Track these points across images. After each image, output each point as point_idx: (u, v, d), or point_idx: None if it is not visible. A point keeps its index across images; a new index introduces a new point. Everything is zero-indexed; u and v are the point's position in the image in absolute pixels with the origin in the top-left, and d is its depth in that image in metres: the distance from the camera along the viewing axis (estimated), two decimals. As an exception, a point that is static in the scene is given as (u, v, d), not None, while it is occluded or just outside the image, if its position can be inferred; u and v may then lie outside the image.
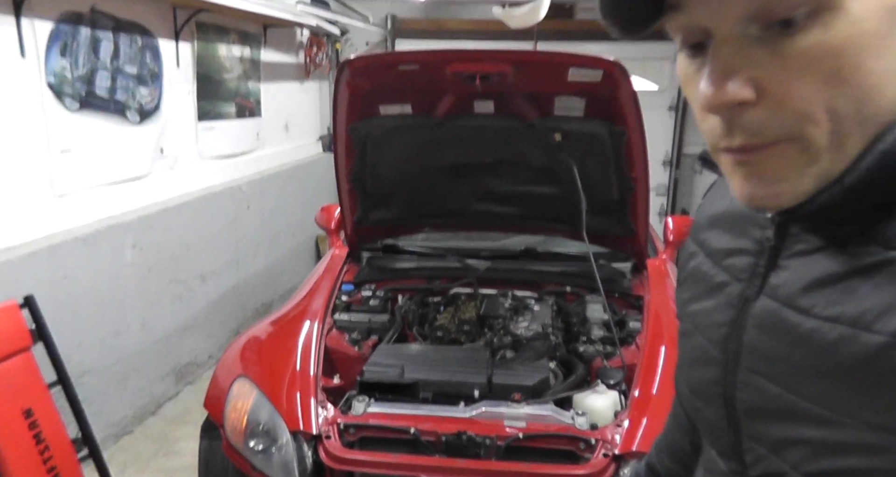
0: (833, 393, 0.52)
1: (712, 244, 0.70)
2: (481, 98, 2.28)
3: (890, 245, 0.50)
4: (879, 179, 0.50)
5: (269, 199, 4.65)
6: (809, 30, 0.47)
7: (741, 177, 0.54)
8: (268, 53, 4.66)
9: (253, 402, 1.94)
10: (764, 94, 0.50)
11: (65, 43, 2.74)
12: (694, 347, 0.70)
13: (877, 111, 0.49)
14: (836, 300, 0.52)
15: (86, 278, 2.86)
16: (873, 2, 0.47)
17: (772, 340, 0.58)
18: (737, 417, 0.63)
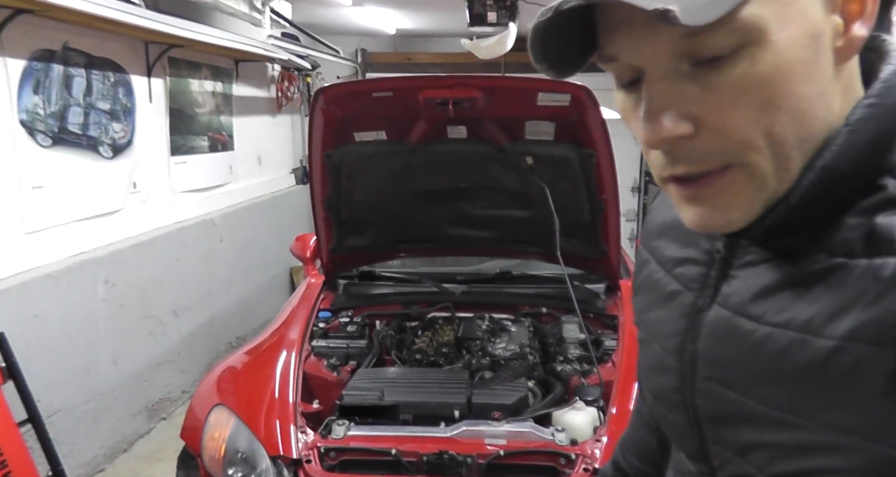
0: (789, 397, 0.54)
1: (663, 252, 0.71)
2: (454, 123, 2.33)
3: (834, 253, 0.52)
4: (822, 194, 0.52)
5: (243, 233, 4.64)
6: (737, 63, 0.49)
7: (689, 206, 0.56)
8: (240, 88, 4.71)
9: (231, 429, 1.92)
10: (701, 126, 0.51)
11: (37, 80, 2.75)
12: (652, 355, 0.71)
13: (812, 132, 0.52)
14: (785, 307, 0.54)
15: (57, 315, 2.82)
16: (796, 31, 0.49)
17: (726, 347, 0.59)
18: (700, 423, 0.64)
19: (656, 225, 0.75)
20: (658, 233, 0.73)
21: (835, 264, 0.51)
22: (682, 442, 0.70)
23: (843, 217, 0.52)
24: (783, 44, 0.49)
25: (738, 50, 0.49)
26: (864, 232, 0.51)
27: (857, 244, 0.51)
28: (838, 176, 0.52)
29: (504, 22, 3.97)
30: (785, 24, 0.48)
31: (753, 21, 0.48)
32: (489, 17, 3.94)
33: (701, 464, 0.67)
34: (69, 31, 2.88)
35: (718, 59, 0.49)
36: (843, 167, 0.51)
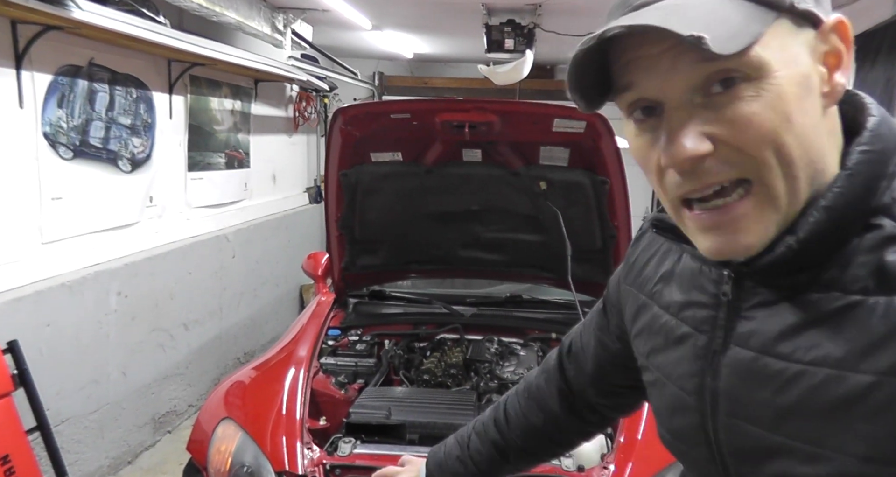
0: (821, 430, 0.56)
1: (665, 297, 0.74)
2: (469, 147, 2.36)
3: (848, 290, 0.56)
4: (826, 230, 0.57)
5: (255, 249, 4.68)
6: (746, 92, 0.55)
7: (709, 233, 0.60)
8: (258, 107, 4.78)
9: (237, 443, 1.92)
10: (718, 143, 0.56)
11: (62, 94, 2.81)
12: (668, 396, 0.73)
13: (813, 158, 0.57)
14: (815, 344, 0.57)
15: (69, 325, 2.85)
16: (792, 71, 0.56)
17: (751, 386, 0.62)
18: (724, 459, 0.66)
19: (655, 272, 0.78)
20: (659, 279, 0.77)
21: (853, 301, 0.55)
22: (703, 473, 0.72)
23: (849, 256, 0.56)
24: (783, 80, 0.56)
25: (746, 79, 0.55)
26: (872, 269, 0.55)
27: (869, 282, 0.55)
28: (841, 214, 0.56)
29: (521, 49, 4.03)
30: (784, 65, 0.56)
31: (761, 58, 0.55)
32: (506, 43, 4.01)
33: None
34: (95, 47, 2.95)
35: (730, 86, 0.55)
36: (844, 206, 0.56)
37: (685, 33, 0.51)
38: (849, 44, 0.60)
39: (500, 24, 4.01)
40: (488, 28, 4.02)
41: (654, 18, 0.53)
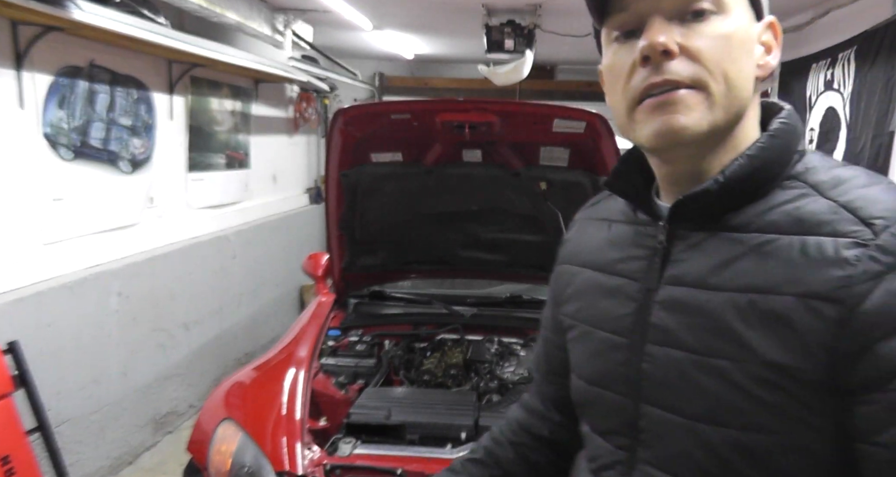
0: (738, 345, 0.67)
1: (599, 260, 0.86)
2: (469, 147, 2.36)
3: (767, 231, 0.69)
4: (747, 175, 0.71)
5: (255, 250, 4.68)
6: (713, 21, 0.70)
7: (657, 115, 0.71)
8: (258, 107, 4.78)
9: (238, 444, 1.92)
10: (683, 52, 0.70)
11: (63, 95, 2.81)
12: (597, 342, 0.83)
13: (742, 97, 0.72)
14: (740, 274, 0.69)
15: (70, 325, 2.85)
16: (745, 23, 0.73)
17: (679, 316, 0.73)
18: (640, 387, 0.76)
19: (588, 245, 0.90)
20: (591, 249, 0.88)
21: (772, 239, 0.69)
22: (610, 418, 0.81)
23: (768, 206, 0.70)
24: (738, 24, 0.72)
25: (715, 13, 0.70)
26: (788, 215, 0.69)
27: (785, 225, 0.68)
28: (760, 163, 0.71)
29: (521, 49, 4.04)
30: (741, 19, 0.72)
31: (729, 2, 0.71)
32: (506, 44, 4.01)
33: (623, 437, 0.79)
34: (96, 48, 2.95)
35: (702, 16, 0.70)
36: (764, 159, 0.71)
37: None
38: (779, 39, 0.77)
39: (500, 24, 4.02)
40: (488, 28, 4.03)
41: None
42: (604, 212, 0.90)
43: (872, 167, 2.86)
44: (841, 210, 0.66)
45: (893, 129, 2.77)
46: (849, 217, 0.65)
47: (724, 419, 0.69)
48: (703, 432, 0.70)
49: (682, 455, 0.72)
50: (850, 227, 0.65)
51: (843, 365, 0.63)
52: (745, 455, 0.68)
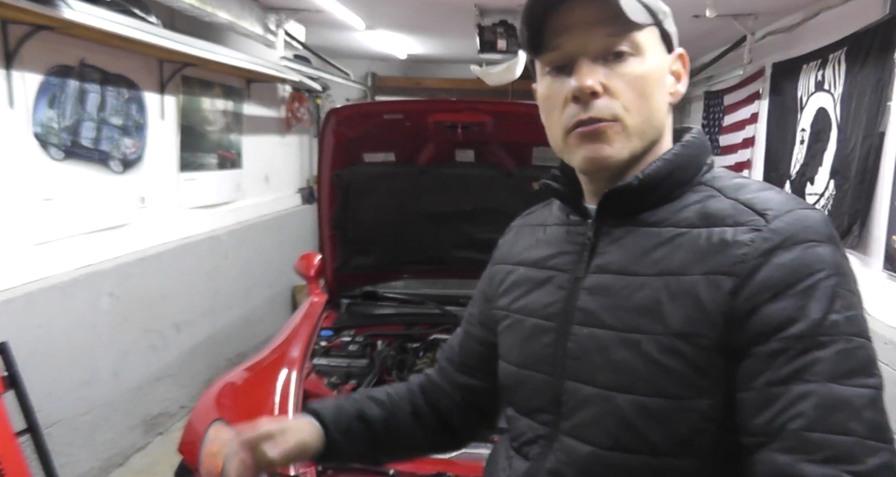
0: (653, 320, 0.78)
1: (533, 257, 0.96)
2: (462, 147, 2.36)
3: (680, 225, 0.82)
4: (661, 177, 0.84)
5: (247, 250, 4.67)
6: (631, 63, 0.82)
7: (585, 144, 0.83)
8: (250, 107, 4.77)
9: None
10: (606, 91, 0.82)
11: (53, 95, 2.80)
12: (527, 328, 0.92)
13: (657, 125, 0.86)
14: (657, 261, 0.81)
15: (60, 326, 2.83)
16: (658, 62, 0.85)
17: (602, 299, 0.83)
18: (564, 365, 0.85)
19: (522, 247, 1.00)
20: (524, 249, 0.99)
21: (683, 232, 0.81)
22: (538, 397, 0.89)
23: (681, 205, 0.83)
24: (652, 63, 0.84)
25: (632, 55, 0.82)
26: (697, 212, 0.82)
27: (695, 220, 0.81)
28: (673, 167, 0.84)
29: (513, 49, 4.04)
30: (654, 57, 0.85)
31: (644, 43, 0.83)
32: (499, 44, 4.01)
33: (548, 414, 0.87)
34: (86, 47, 2.94)
35: (621, 57, 0.82)
36: (676, 164, 0.85)
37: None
38: (687, 69, 0.90)
39: (492, 24, 4.02)
40: (481, 29, 4.03)
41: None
42: (538, 219, 1.02)
43: (863, 167, 2.88)
44: (740, 206, 0.80)
45: (884, 129, 2.78)
46: (746, 210, 0.79)
47: (633, 387, 0.78)
48: (613, 400, 0.79)
49: (595, 422, 0.81)
50: (748, 217, 0.78)
51: (735, 327, 0.75)
52: (648, 418, 0.77)
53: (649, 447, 0.78)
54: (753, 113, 4.47)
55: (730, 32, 4.21)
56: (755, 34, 4.12)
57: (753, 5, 3.77)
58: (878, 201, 2.79)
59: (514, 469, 0.90)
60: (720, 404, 0.76)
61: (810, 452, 0.68)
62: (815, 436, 0.69)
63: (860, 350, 0.71)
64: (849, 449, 0.67)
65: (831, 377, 0.70)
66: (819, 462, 0.68)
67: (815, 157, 3.41)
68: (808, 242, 0.74)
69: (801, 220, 0.76)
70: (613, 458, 0.79)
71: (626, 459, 0.79)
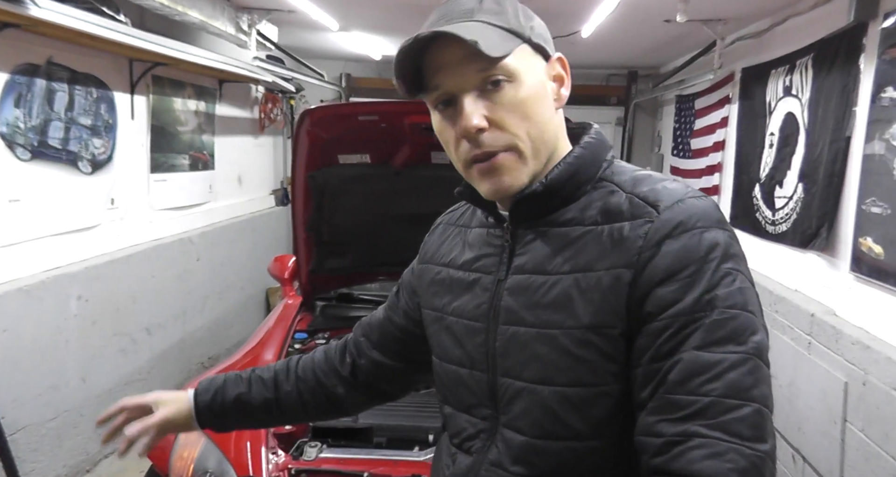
0: (566, 315, 0.84)
1: (458, 260, 1.00)
2: (438, 149, 2.36)
3: (585, 224, 0.87)
4: (562, 180, 0.88)
5: (220, 252, 4.61)
6: (507, 89, 0.85)
7: (486, 179, 0.87)
8: (223, 108, 4.72)
9: (200, 449, 1.89)
10: (492, 124, 0.85)
11: (20, 94, 2.74)
12: (459, 328, 0.96)
13: (547, 139, 0.89)
14: (567, 260, 0.86)
15: (28, 330, 2.77)
16: (535, 79, 0.87)
17: (521, 298, 0.88)
18: (495, 363, 0.90)
19: (448, 248, 1.04)
20: (450, 251, 1.03)
21: (589, 230, 0.86)
22: (475, 394, 0.94)
23: (585, 203, 0.88)
24: (529, 84, 0.86)
25: (508, 81, 0.84)
26: (600, 209, 0.87)
27: (598, 217, 0.86)
28: (574, 170, 0.89)
29: (488, 52, 4.05)
30: (529, 75, 0.87)
31: (515, 67, 0.85)
32: (474, 46, 4.02)
33: (486, 408, 0.92)
34: (54, 46, 2.88)
35: (497, 86, 0.84)
36: (576, 166, 0.89)
37: (469, 38, 0.80)
38: (567, 71, 0.93)
39: (467, 27, 4.02)
40: (456, 31, 4.03)
41: (450, 29, 0.81)
42: (463, 219, 1.06)
43: (830, 171, 2.93)
44: (636, 200, 0.85)
45: (850, 134, 2.84)
46: (641, 204, 0.84)
47: (553, 379, 0.84)
48: (538, 392, 0.86)
49: (525, 414, 0.87)
50: (642, 210, 0.84)
51: (633, 313, 0.80)
52: (569, 406, 0.84)
53: (572, 433, 0.84)
54: (724, 117, 4.54)
55: (700, 37, 4.27)
56: (725, 39, 4.19)
57: (723, 11, 3.83)
58: (844, 204, 2.85)
59: (458, 464, 0.95)
60: (624, 387, 0.83)
61: (670, 412, 0.76)
62: (676, 397, 0.76)
63: (733, 320, 0.77)
64: (705, 407, 0.74)
65: (699, 346, 0.76)
66: (676, 421, 0.75)
67: (784, 160, 3.47)
68: (695, 228, 0.80)
69: (688, 209, 0.82)
70: (542, 445, 0.86)
71: (553, 445, 0.85)
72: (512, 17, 0.87)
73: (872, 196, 2.60)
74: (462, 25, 0.84)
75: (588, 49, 5.10)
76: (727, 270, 0.79)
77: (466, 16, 0.86)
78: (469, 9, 0.87)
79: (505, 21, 0.86)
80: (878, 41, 2.67)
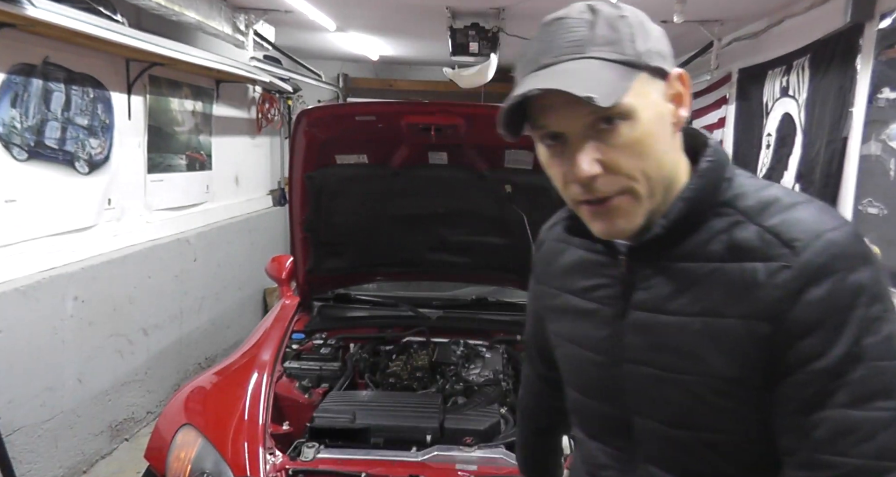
0: (698, 362, 0.80)
1: (570, 285, 0.97)
2: (435, 149, 2.36)
3: (711, 260, 0.81)
4: (687, 214, 0.82)
5: (217, 253, 4.61)
6: (621, 128, 0.78)
7: (598, 220, 0.83)
8: (220, 108, 4.71)
9: (197, 450, 1.88)
10: (605, 168, 0.79)
11: (16, 94, 2.73)
12: (581, 360, 0.95)
13: (665, 174, 0.82)
14: (693, 301, 0.81)
15: (24, 331, 2.76)
16: (652, 112, 0.79)
17: (647, 337, 0.85)
18: (626, 400, 0.89)
19: (559, 268, 1.01)
20: (563, 273, 0.99)
21: (715, 267, 0.80)
22: (605, 425, 0.94)
23: (707, 235, 0.82)
24: (645, 119, 0.79)
25: (622, 119, 0.77)
26: (726, 244, 0.80)
27: (724, 253, 0.80)
28: (695, 203, 0.82)
29: (485, 53, 4.05)
30: (646, 107, 0.79)
31: (630, 105, 0.77)
32: (471, 47, 4.02)
33: (621, 440, 0.91)
34: (50, 46, 2.87)
35: (611, 124, 0.77)
36: (698, 198, 0.83)
37: (582, 95, 0.73)
38: (688, 87, 0.84)
39: (464, 27, 4.02)
40: (453, 31, 4.03)
41: (560, 82, 0.75)
42: (562, 235, 1.00)
43: (827, 171, 2.94)
44: (768, 236, 0.78)
45: (846, 134, 2.85)
46: (774, 241, 0.77)
47: (692, 423, 0.83)
48: (676, 435, 0.85)
49: (665, 453, 0.87)
50: (776, 250, 0.77)
51: (774, 366, 0.77)
52: (713, 450, 0.83)
53: (719, 472, 0.84)
54: (721, 117, 4.54)
55: (697, 38, 4.28)
56: (722, 40, 4.20)
57: (720, 12, 3.83)
58: (841, 205, 2.85)
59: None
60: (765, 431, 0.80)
61: (818, 471, 0.74)
62: (824, 457, 0.74)
63: (882, 374, 0.73)
64: (856, 470, 0.72)
65: (848, 404, 0.73)
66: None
67: (781, 161, 3.48)
68: (837, 272, 0.74)
69: (827, 248, 0.75)
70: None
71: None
72: (628, 43, 0.78)
73: (869, 197, 2.61)
74: (573, 68, 0.77)
75: (585, 50, 5.10)
76: (874, 315, 0.74)
77: (577, 49, 0.78)
78: (579, 39, 0.78)
79: (620, 51, 0.78)
80: (875, 42, 2.67)
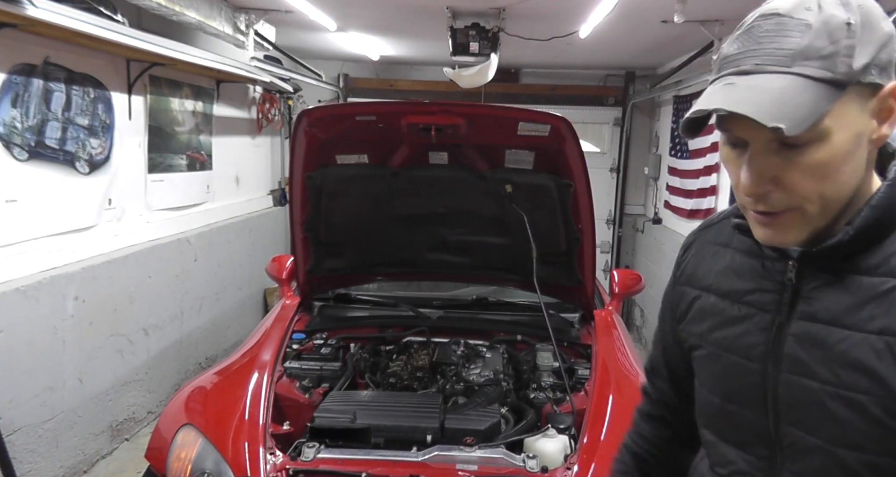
0: (874, 381, 0.76)
1: (724, 288, 0.94)
2: (436, 149, 2.36)
3: (893, 274, 0.77)
4: (872, 225, 0.78)
5: (217, 252, 4.61)
6: (809, 150, 0.74)
7: (762, 228, 0.81)
8: (220, 108, 4.71)
9: (198, 450, 1.88)
10: (779, 185, 0.77)
11: (16, 94, 2.73)
12: (727, 364, 0.91)
13: (846, 193, 0.79)
14: (875, 317, 0.77)
15: (24, 331, 2.76)
16: (849, 133, 0.75)
17: (814, 349, 0.81)
18: (779, 410, 0.85)
19: (709, 270, 0.98)
20: (714, 275, 0.96)
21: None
22: (748, 432, 0.90)
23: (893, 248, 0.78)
24: (839, 141, 0.74)
25: (811, 142, 0.74)
26: None
27: None
28: (884, 211, 0.78)
29: (486, 52, 4.05)
30: (842, 130, 0.74)
31: (824, 129, 0.73)
32: (471, 47, 4.02)
33: (764, 449, 0.88)
34: (50, 46, 2.87)
35: (799, 146, 0.74)
36: (887, 206, 0.79)
37: (769, 125, 0.70)
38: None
39: (464, 27, 4.02)
40: (453, 31, 4.03)
41: (751, 105, 0.72)
42: (723, 237, 0.98)
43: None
44: None
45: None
46: None
47: (861, 445, 0.79)
48: (840, 454, 0.80)
49: (820, 471, 0.82)
50: None
51: None
52: (875, 472, 0.79)
53: None
54: (721, 117, 4.54)
55: (697, 38, 4.27)
56: (722, 40, 4.19)
57: (720, 12, 3.83)
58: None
59: None
60: None
61: None
62: None
63: None
64: None
65: None
66: None
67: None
68: None
69: None
70: None
71: None
72: (843, 59, 0.72)
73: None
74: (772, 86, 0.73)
75: (586, 50, 5.10)
76: None
77: (784, 62, 0.73)
78: (790, 50, 0.73)
79: (832, 68, 0.72)
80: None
